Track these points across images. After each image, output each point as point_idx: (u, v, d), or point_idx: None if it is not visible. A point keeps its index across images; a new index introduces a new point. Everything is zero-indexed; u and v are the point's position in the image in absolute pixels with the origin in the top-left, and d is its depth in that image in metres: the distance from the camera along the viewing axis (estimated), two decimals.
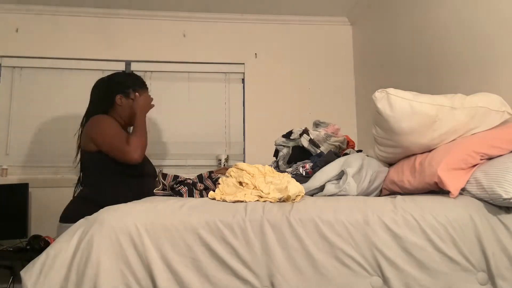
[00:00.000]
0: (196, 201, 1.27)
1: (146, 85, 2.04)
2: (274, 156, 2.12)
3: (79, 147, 1.96)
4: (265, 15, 3.62)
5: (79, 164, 1.95)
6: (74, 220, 1.23)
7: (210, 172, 1.76)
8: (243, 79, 3.62)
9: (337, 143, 1.96)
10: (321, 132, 1.95)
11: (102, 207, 1.24)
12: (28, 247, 2.78)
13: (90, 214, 1.21)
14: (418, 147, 1.48)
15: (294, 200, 1.27)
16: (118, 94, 1.94)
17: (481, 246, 1.14)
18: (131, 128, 1.92)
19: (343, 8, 3.54)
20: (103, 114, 1.90)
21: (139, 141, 1.80)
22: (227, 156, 3.44)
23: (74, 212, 1.66)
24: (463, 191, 1.30)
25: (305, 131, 1.96)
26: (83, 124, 1.96)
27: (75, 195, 1.91)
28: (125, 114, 1.95)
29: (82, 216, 1.22)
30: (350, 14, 3.63)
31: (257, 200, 1.27)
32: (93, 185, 1.85)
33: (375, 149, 1.65)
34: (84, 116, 1.98)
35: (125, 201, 1.31)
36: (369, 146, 1.80)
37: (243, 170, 1.46)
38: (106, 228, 1.11)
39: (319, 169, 1.62)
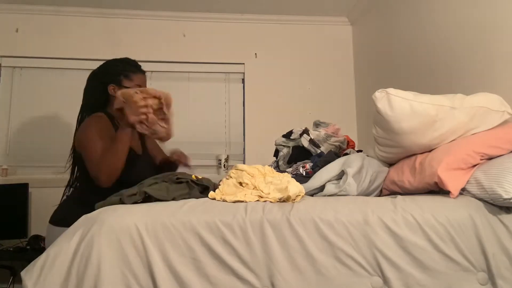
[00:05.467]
0: (196, 201, 1.27)
1: (140, 67, 1.84)
2: (274, 156, 2.12)
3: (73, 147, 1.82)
4: (265, 15, 3.62)
5: (71, 165, 1.85)
6: (65, 223, 1.21)
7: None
8: (243, 79, 3.63)
9: (337, 143, 1.96)
10: (321, 132, 1.95)
11: (93, 209, 1.22)
12: (28, 247, 2.79)
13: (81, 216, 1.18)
14: (418, 147, 1.48)
15: (294, 200, 1.27)
16: (110, 84, 1.76)
17: (481, 246, 1.14)
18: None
19: (343, 8, 3.54)
20: (99, 111, 1.76)
21: (111, 164, 1.54)
22: (227, 156, 3.44)
23: (65, 215, 1.60)
24: (463, 191, 1.30)
25: (305, 131, 1.96)
26: (78, 121, 1.83)
27: (66, 196, 1.83)
28: None
29: (73, 218, 1.19)
30: (350, 14, 3.63)
31: (257, 200, 1.27)
32: (83, 187, 1.77)
33: (375, 149, 1.65)
34: (79, 113, 1.83)
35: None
36: (369, 146, 1.80)
37: (243, 170, 1.46)
38: (106, 228, 1.11)
39: (319, 169, 1.62)
